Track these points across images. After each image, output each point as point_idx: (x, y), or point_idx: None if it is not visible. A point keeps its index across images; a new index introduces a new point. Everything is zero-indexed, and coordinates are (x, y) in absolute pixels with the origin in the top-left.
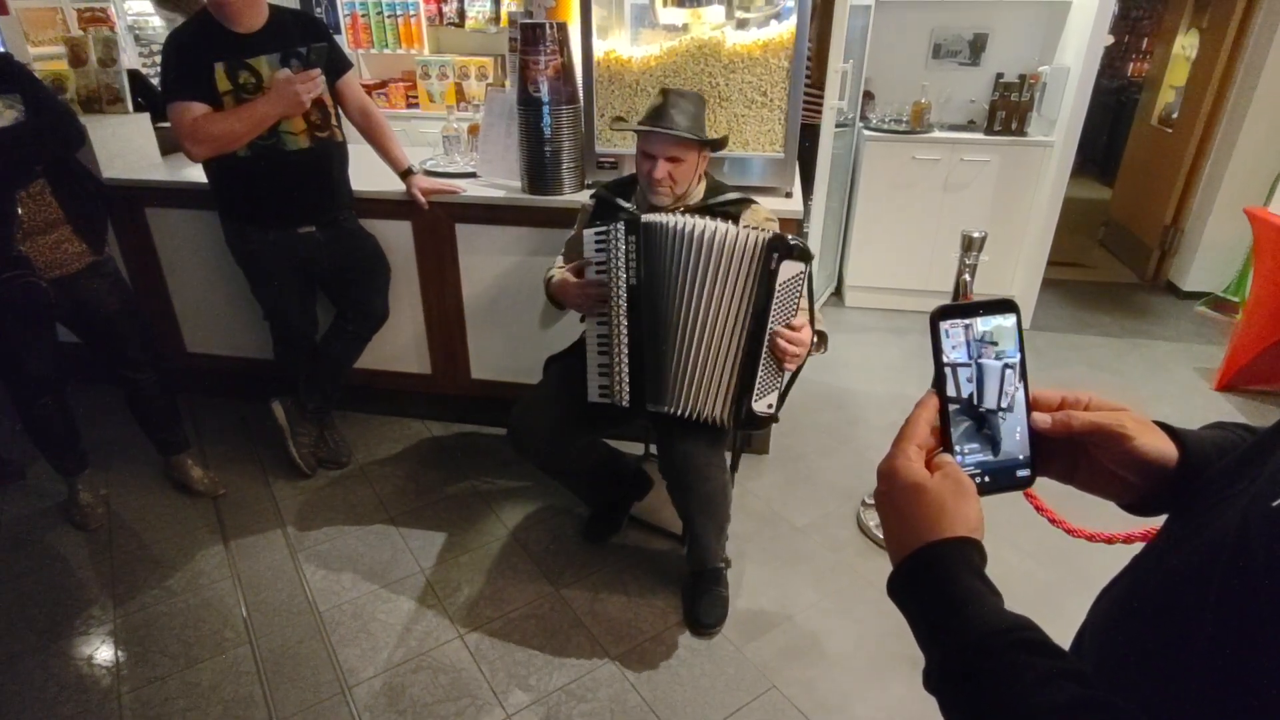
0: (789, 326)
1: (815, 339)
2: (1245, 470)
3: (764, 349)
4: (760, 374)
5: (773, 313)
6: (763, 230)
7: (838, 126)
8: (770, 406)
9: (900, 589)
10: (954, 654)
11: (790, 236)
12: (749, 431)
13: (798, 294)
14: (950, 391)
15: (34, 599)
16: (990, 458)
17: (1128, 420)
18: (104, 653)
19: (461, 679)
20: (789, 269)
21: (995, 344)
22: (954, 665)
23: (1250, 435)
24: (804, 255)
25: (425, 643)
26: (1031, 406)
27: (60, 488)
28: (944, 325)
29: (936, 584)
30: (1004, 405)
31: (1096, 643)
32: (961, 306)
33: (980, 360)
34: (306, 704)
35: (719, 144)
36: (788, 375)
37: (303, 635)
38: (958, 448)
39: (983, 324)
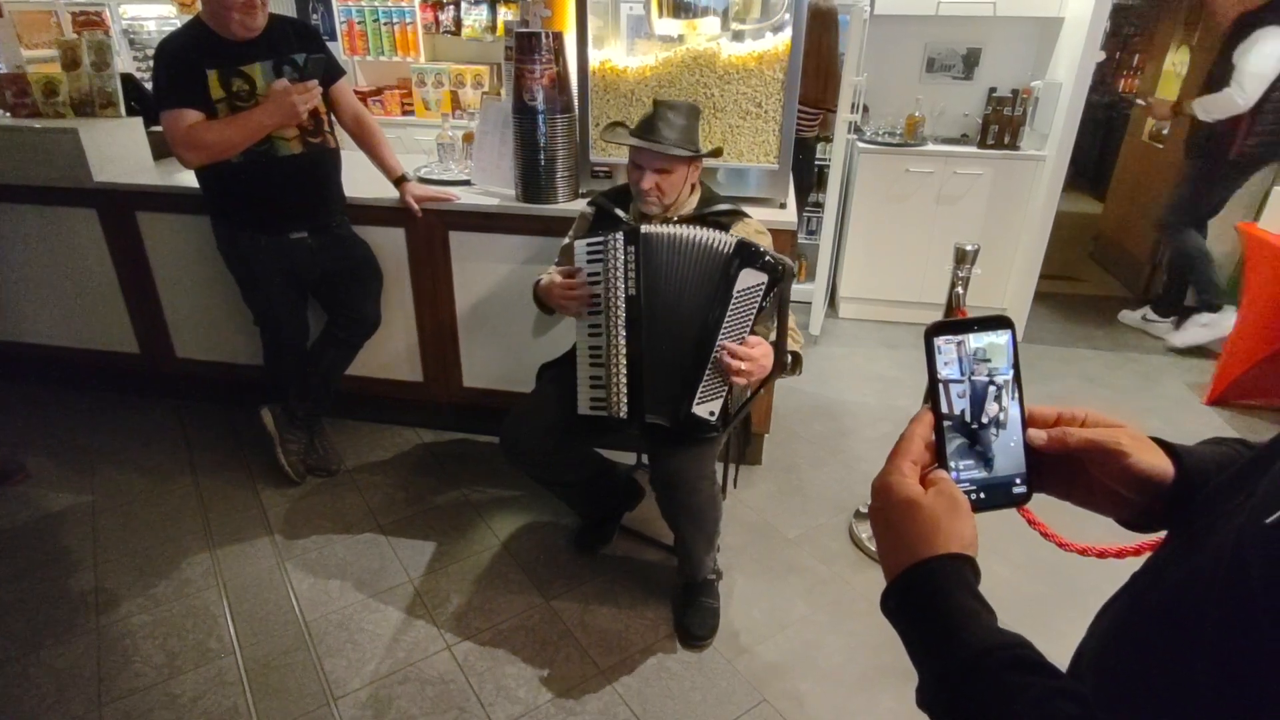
0: (741, 342)
1: (789, 360)
2: (1242, 486)
3: (711, 355)
4: (706, 379)
5: (726, 320)
6: (735, 237)
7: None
8: (712, 414)
9: (894, 606)
10: (948, 673)
11: (762, 248)
12: (691, 435)
13: (753, 305)
14: (944, 408)
15: (14, 608)
16: (985, 474)
17: (1124, 437)
18: (85, 662)
19: (449, 691)
20: (748, 278)
21: (988, 360)
22: (948, 684)
23: (1247, 450)
24: (770, 268)
25: (413, 654)
26: (1027, 423)
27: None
28: (938, 341)
29: (930, 602)
30: (998, 422)
31: (1095, 663)
32: (956, 323)
33: (973, 377)
34: (291, 716)
35: (710, 155)
36: (740, 387)
37: (288, 645)
38: (953, 464)
39: (976, 341)
